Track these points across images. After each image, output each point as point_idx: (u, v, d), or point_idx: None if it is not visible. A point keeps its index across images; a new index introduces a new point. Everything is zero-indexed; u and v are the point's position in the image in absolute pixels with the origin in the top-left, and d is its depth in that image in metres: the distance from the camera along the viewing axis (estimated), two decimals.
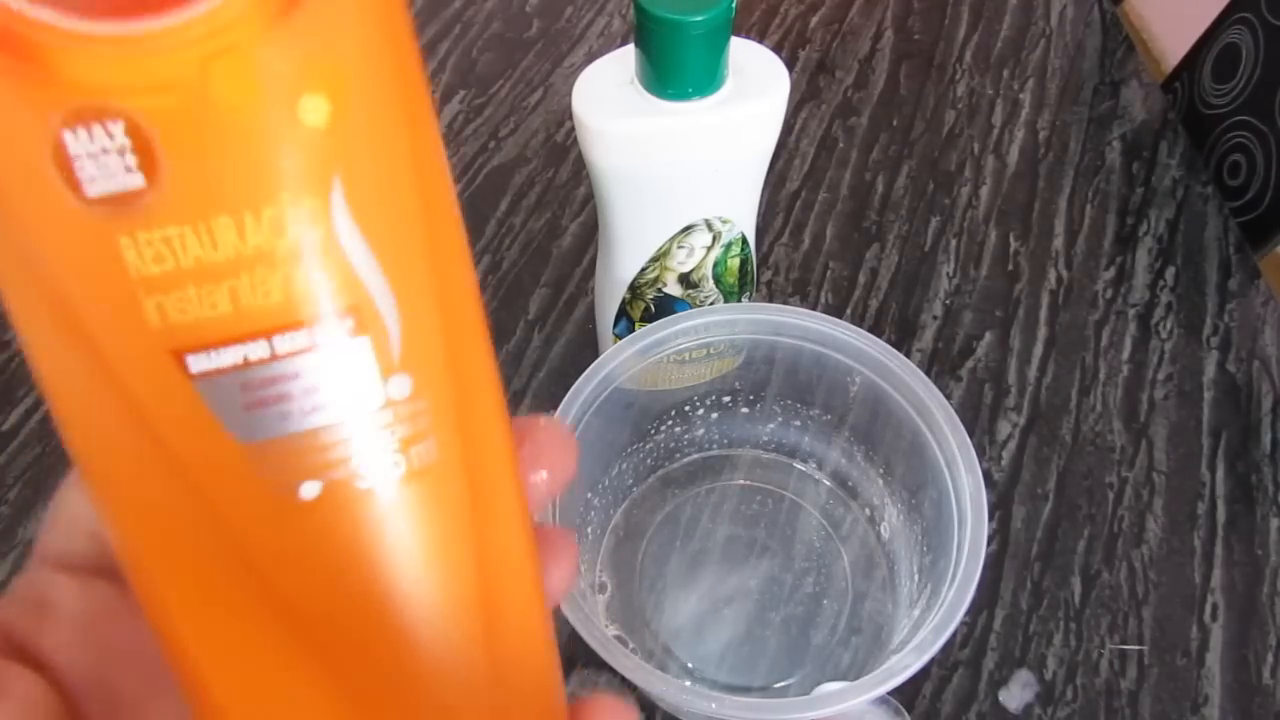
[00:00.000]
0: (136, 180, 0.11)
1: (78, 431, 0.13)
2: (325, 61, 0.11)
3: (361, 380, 0.12)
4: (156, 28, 0.10)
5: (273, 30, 0.11)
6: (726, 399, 0.41)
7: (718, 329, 0.36)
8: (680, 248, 0.36)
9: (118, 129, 0.11)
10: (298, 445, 0.12)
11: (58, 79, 0.10)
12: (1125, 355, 0.48)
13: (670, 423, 0.41)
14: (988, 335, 0.48)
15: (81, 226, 0.11)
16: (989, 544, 0.39)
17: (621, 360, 0.35)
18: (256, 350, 0.12)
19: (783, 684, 0.38)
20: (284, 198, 0.11)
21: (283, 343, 0.12)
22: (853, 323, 0.38)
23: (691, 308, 0.38)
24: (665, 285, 0.38)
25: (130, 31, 0.10)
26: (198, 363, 0.12)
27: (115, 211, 0.11)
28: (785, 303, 0.49)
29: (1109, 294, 0.50)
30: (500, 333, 0.48)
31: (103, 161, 0.11)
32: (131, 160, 0.11)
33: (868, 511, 0.41)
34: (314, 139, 0.11)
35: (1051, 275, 0.51)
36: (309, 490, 0.12)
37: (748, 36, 0.45)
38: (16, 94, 0.10)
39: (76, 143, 0.11)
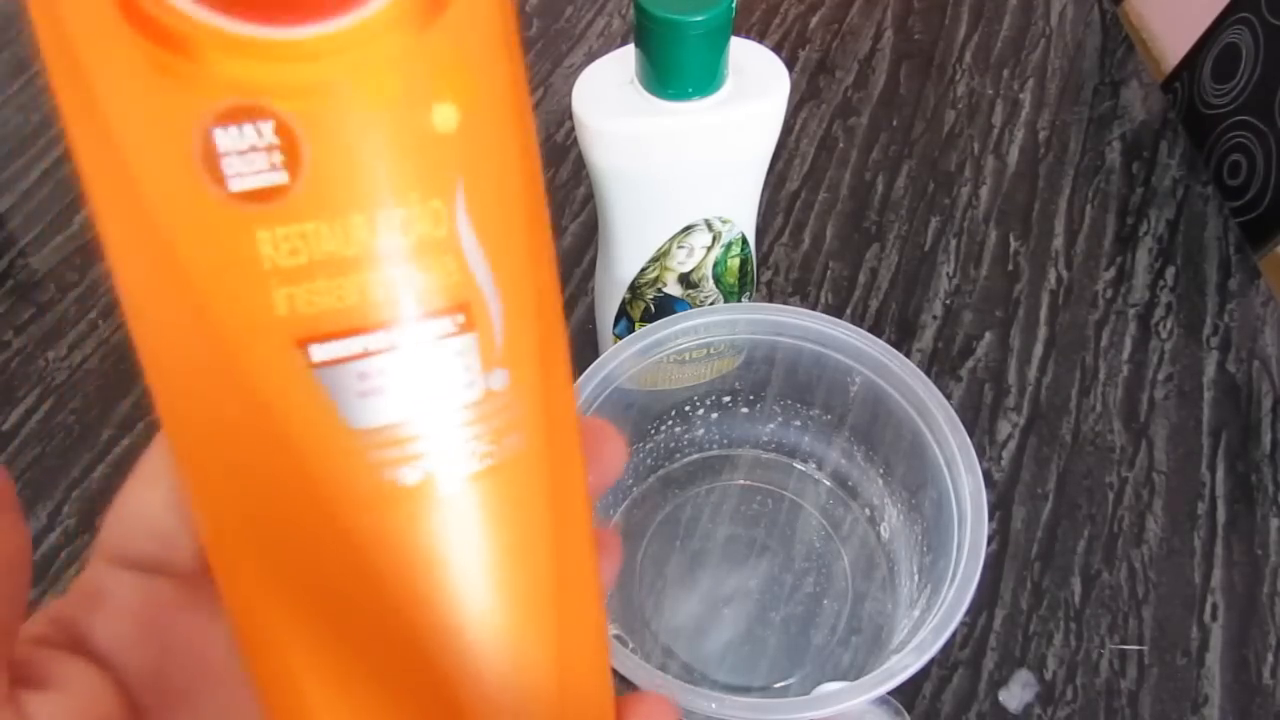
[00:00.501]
0: (280, 177, 0.11)
1: (187, 410, 0.13)
2: (456, 73, 0.12)
3: (467, 372, 0.13)
4: (310, 34, 0.11)
5: (413, 43, 0.12)
6: (726, 399, 0.41)
7: (718, 329, 0.36)
8: (680, 248, 0.36)
9: (267, 128, 0.11)
10: (404, 432, 0.13)
11: (214, 77, 0.11)
12: (1125, 355, 0.48)
13: (670, 423, 0.41)
14: (988, 335, 0.48)
15: (221, 218, 0.11)
16: (989, 544, 0.39)
17: (621, 360, 0.35)
18: (376, 341, 0.12)
19: (783, 684, 0.38)
20: (413, 198, 0.12)
21: (401, 335, 0.12)
22: (853, 323, 0.38)
23: (691, 308, 0.38)
24: (665, 285, 0.38)
25: (286, 36, 0.11)
26: (320, 351, 0.12)
27: (255, 206, 0.11)
28: (785, 303, 0.49)
29: (1109, 294, 0.50)
30: None
31: (249, 158, 0.11)
32: (277, 158, 0.11)
33: (868, 511, 0.41)
34: (444, 144, 0.12)
35: (1051, 275, 0.51)
36: (410, 475, 0.13)
37: (748, 36, 0.45)
38: (173, 88, 0.11)
39: (226, 139, 0.11)
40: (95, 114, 0.11)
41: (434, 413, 0.13)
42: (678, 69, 0.31)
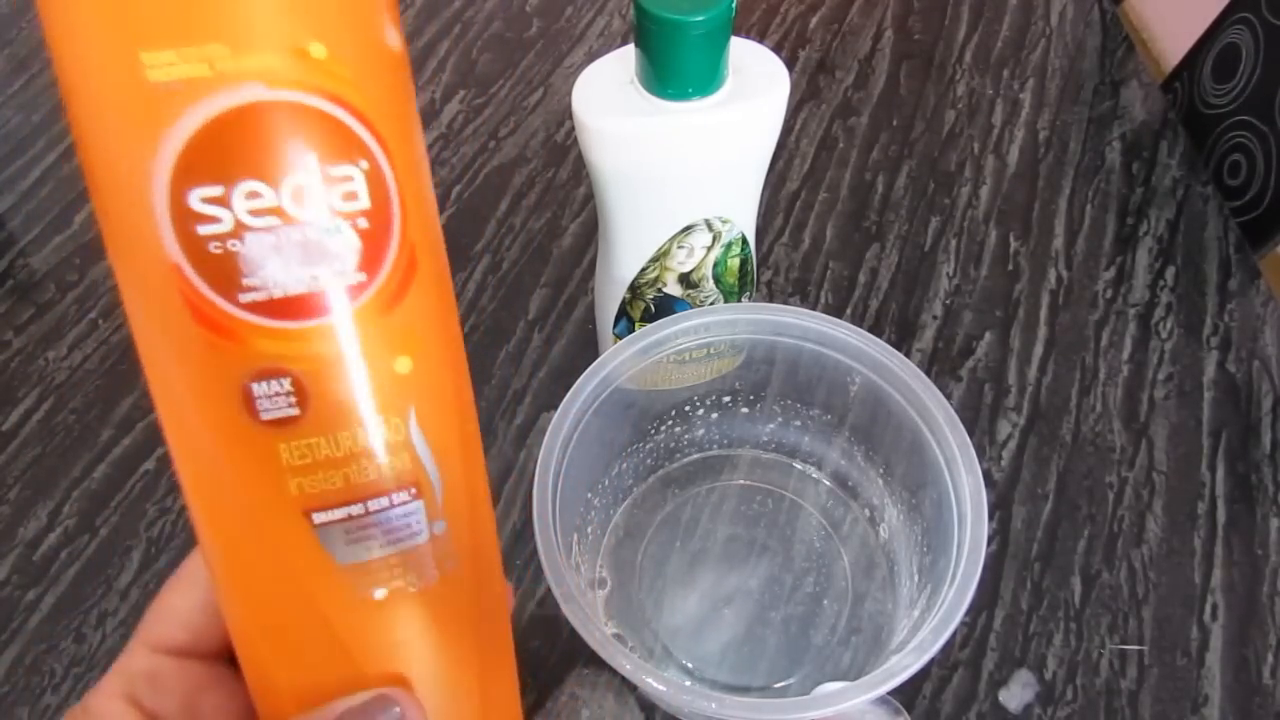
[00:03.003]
0: (294, 411, 0.18)
1: (231, 558, 0.19)
2: (410, 337, 0.18)
3: (417, 525, 0.19)
4: (313, 325, 0.17)
5: (380, 322, 0.18)
6: (726, 399, 0.41)
7: (718, 329, 0.36)
8: (680, 248, 0.36)
9: (286, 381, 0.17)
10: (376, 566, 0.19)
11: (249, 351, 0.17)
12: (1125, 355, 0.48)
13: (670, 423, 0.41)
14: (988, 335, 0.48)
15: (254, 437, 0.18)
16: (989, 544, 0.39)
17: (621, 360, 0.35)
18: (356, 509, 0.19)
19: (783, 684, 0.38)
20: (383, 419, 0.18)
21: (373, 504, 0.19)
22: (853, 323, 0.38)
23: (691, 308, 0.38)
24: (665, 285, 0.38)
25: (297, 327, 0.17)
26: (319, 517, 0.18)
27: (277, 429, 0.18)
28: (785, 303, 0.49)
29: (1109, 294, 0.50)
30: (500, 333, 0.48)
31: (274, 400, 0.17)
32: (292, 400, 0.17)
33: (868, 511, 0.41)
34: (401, 382, 0.18)
35: (1051, 275, 0.51)
36: (380, 594, 0.19)
37: (748, 36, 0.45)
38: (221, 358, 0.17)
39: (258, 388, 0.17)
40: (172, 381, 0.18)
41: (395, 553, 0.19)
42: (678, 69, 0.31)
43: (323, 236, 0.17)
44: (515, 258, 0.51)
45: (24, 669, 0.39)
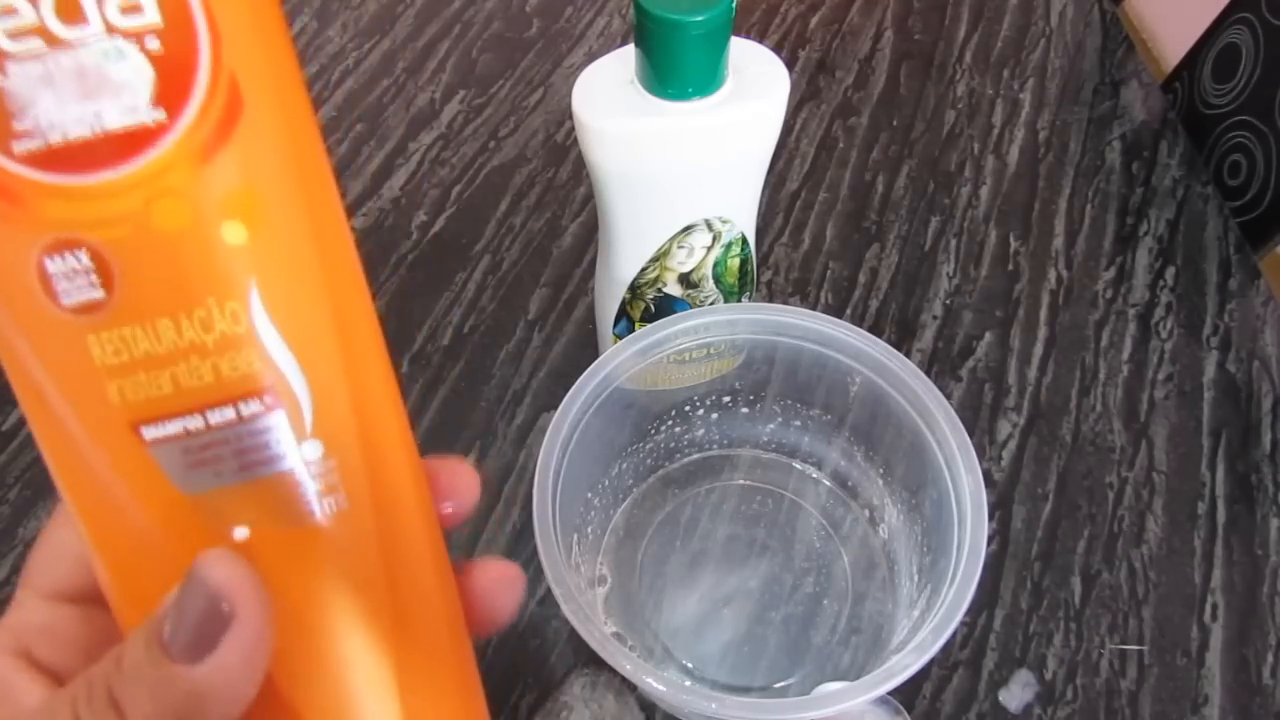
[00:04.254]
0: (99, 293, 0.14)
1: (66, 485, 0.16)
2: (241, 193, 0.15)
3: (279, 445, 0.16)
4: (107, 178, 0.14)
5: (195, 175, 0.14)
6: (726, 399, 0.41)
7: (718, 329, 0.36)
8: (680, 248, 0.36)
9: (83, 254, 0.14)
10: (230, 497, 0.16)
11: (37, 218, 0.14)
12: (1125, 355, 0.48)
13: (670, 423, 0.41)
14: (988, 335, 0.48)
15: (58, 328, 0.15)
16: (989, 544, 0.39)
17: (621, 360, 0.35)
18: (194, 422, 0.15)
19: (783, 684, 0.38)
20: (211, 302, 0.15)
21: (214, 416, 0.15)
22: (853, 323, 0.38)
23: (691, 308, 0.38)
24: (665, 285, 0.38)
25: (88, 181, 0.14)
26: (149, 432, 0.15)
27: (83, 316, 0.14)
28: (785, 303, 0.49)
29: (1109, 294, 0.50)
30: (500, 333, 0.48)
31: (73, 279, 0.14)
32: (95, 279, 0.14)
33: (868, 511, 0.41)
34: (234, 254, 0.15)
35: (1051, 275, 0.51)
36: (240, 534, 0.16)
37: (748, 36, 0.45)
38: (4, 227, 0.14)
39: (53, 265, 0.14)
40: None
41: (254, 480, 0.16)
42: (678, 69, 0.31)
43: (101, 61, 0.14)
44: (515, 258, 0.51)
45: None
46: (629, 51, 0.32)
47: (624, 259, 0.37)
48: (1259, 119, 0.53)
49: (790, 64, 0.59)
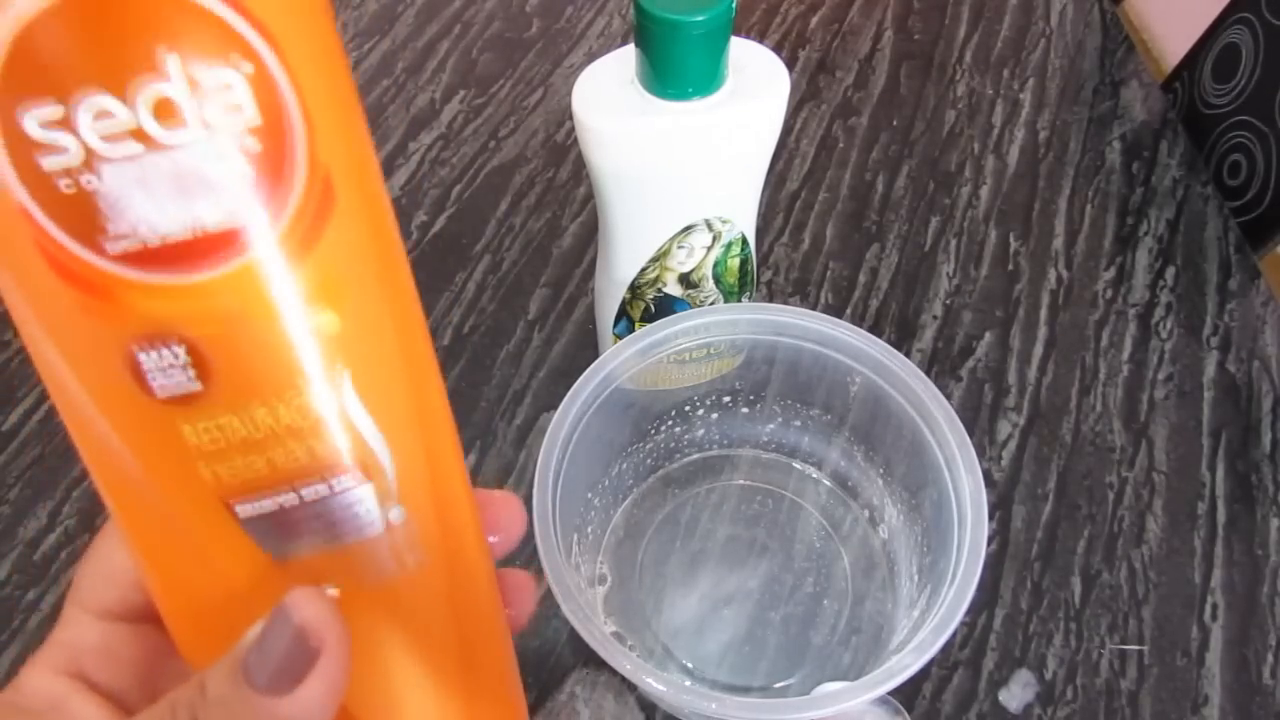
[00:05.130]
0: (194, 385, 0.14)
1: (151, 553, 0.17)
2: (333, 283, 0.15)
3: (367, 514, 0.16)
4: (204, 277, 0.14)
5: (291, 271, 0.14)
6: (726, 399, 0.41)
7: (718, 329, 0.36)
8: (680, 248, 0.36)
9: (179, 348, 0.14)
10: (320, 561, 0.16)
11: (130, 313, 0.14)
12: (1125, 355, 0.48)
13: (670, 423, 0.41)
14: (988, 335, 0.48)
15: (150, 416, 0.15)
16: (989, 544, 0.39)
17: (621, 360, 0.35)
18: (289, 498, 0.16)
19: (783, 684, 0.38)
20: (307, 389, 0.15)
21: (308, 491, 0.16)
22: (853, 323, 0.38)
23: (691, 308, 0.38)
24: (665, 285, 0.38)
25: (185, 280, 0.14)
26: (243, 509, 0.16)
27: (178, 406, 0.15)
28: (785, 303, 0.49)
29: (1109, 294, 0.50)
30: (500, 333, 0.48)
31: (168, 372, 0.14)
32: (190, 371, 0.14)
33: (868, 512, 0.41)
34: (327, 344, 0.15)
35: (1051, 275, 0.51)
36: (330, 593, 0.16)
37: (748, 36, 0.45)
38: (98, 322, 0.14)
39: (146, 359, 0.14)
40: (47, 349, 0.15)
41: (344, 546, 0.16)
42: (678, 69, 0.31)
43: (200, 163, 0.13)
44: (515, 258, 0.51)
45: None
46: (629, 51, 0.32)
47: (624, 259, 0.37)
48: (1259, 119, 0.53)
49: (790, 64, 0.59)
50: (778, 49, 0.57)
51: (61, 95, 0.13)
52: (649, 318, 0.39)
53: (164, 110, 0.13)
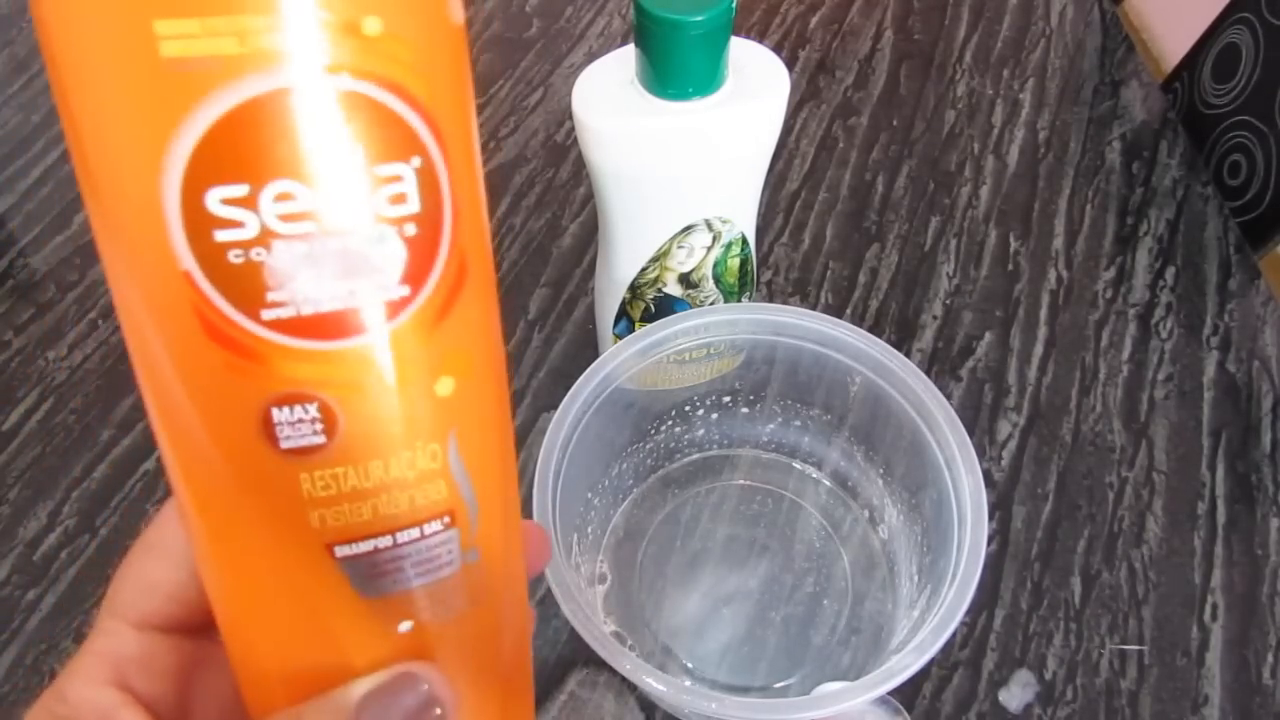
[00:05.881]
0: (319, 439, 0.16)
1: (242, 587, 0.17)
2: (454, 358, 0.16)
3: (449, 556, 0.17)
4: (348, 345, 0.15)
5: (424, 341, 0.16)
6: (726, 399, 0.41)
7: (718, 329, 0.36)
8: (680, 248, 0.36)
9: (312, 406, 0.15)
10: (403, 599, 0.17)
11: (271, 374, 0.15)
12: (1125, 355, 0.48)
13: (670, 423, 0.41)
14: (988, 335, 0.48)
15: (275, 466, 0.16)
16: (989, 544, 0.39)
17: (621, 360, 0.35)
18: (384, 542, 0.17)
19: (783, 684, 0.38)
20: (418, 444, 0.16)
21: (402, 536, 0.17)
22: (853, 323, 0.38)
23: (691, 308, 0.38)
24: (665, 285, 0.38)
25: (330, 348, 0.15)
26: (343, 551, 0.16)
27: (300, 458, 0.16)
28: (785, 303, 0.49)
29: (1109, 294, 0.50)
30: None
31: (297, 427, 0.15)
32: (319, 426, 0.15)
33: (868, 512, 0.41)
34: (442, 406, 0.16)
35: (1051, 275, 0.51)
36: (405, 627, 0.18)
37: (748, 36, 0.45)
38: (239, 380, 0.15)
39: (280, 414, 0.15)
40: (178, 398, 0.16)
41: (426, 585, 0.17)
42: (678, 69, 0.31)
43: (365, 246, 0.15)
44: (515, 258, 0.51)
45: (24, 669, 0.39)
46: (629, 51, 0.32)
47: (624, 259, 0.37)
48: (1259, 119, 0.53)
49: (790, 64, 0.59)
50: (778, 49, 0.57)
51: (249, 179, 0.14)
52: (649, 318, 0.39)
53: (340, 198, 0.14)
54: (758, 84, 0.33)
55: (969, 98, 0.59)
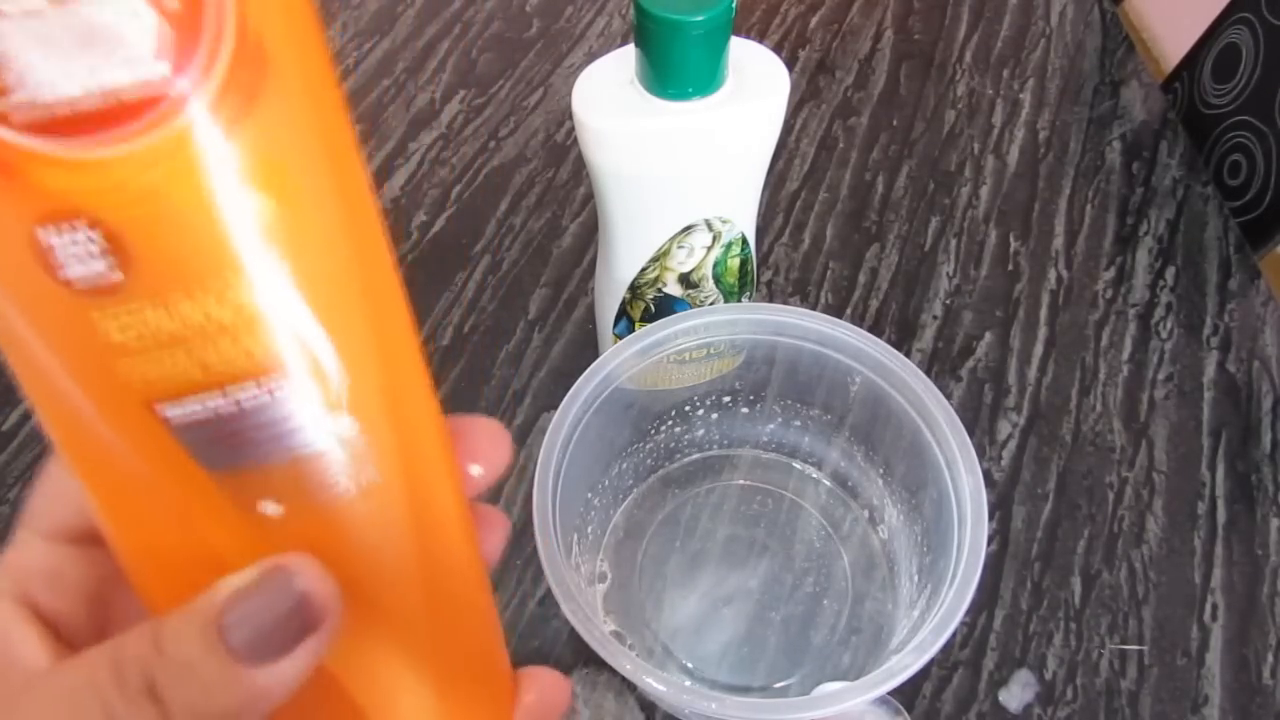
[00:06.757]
0: (114, 274, 0.13)
1: (77, 458, 0.16)
2: (267, 165, 0.14)
3: (309, 422, 0.15)
4: (122, 151, 0.13)
5: (218, 148, 0.13)
6: (726, 399, 0.41)
7: (718, 329, 0.36)
8: (680, 248, 0.36)
9: (95, 232, 0.13)
10: (259, 474, 0.15)
11: (39, 191, 0.13)
12: (1125, 355, 0.48)
13: (670, 423, 0.41)
14: (988, 335, 0.48)
15: (63, 307, 0.13)
16: (989, 544, 0.39)
17: (621, 360, 0.35)
18: (221, 403, 0.14)
19: (783, 684, 0.38)
20: (237, 280, 0.14)
21: (241, 393, 0.14)
22: (853, 323, 0.38)
23: (691, 308, 0.38)
24: (665, 285, 0.38)
25: (100, 154, 0.13)
26: (169, 410, 0.14)
27: (94, 296, 0.13)
28: (785, 303, 0.49)
29: (1109, 294, 0.50)
30: (500, 333, 0.48)
31: (84, 259, 0.13)
32: (110, 258, 0.13)
33: (868, 512, 0.41)
34: (260, 228, 0.14)
35: (1051, 275, 0.51)
36: (270, 509, 0.15)
37: (748, 36, 0.45)
38: (10, 201, 0.13)
39: (59, 241, 0.13)
40: None
41: (285, 457, 0.15)
42: (678, 69, 0.31)
43: (109, 18, 0.12)
44: (515, 258, 0.51)
45: None
46: (629, 51, 0.32)
47: (624, 259, 0.37)
48: (1259, 119, 0.53)
49: (790, 64, 0.59)
50: (778, 49, 0.57)
51: None
52: (649, 318, 0.39)
53: None
54: (758, 84, 0.33)
55: (969, 98, 0.59)
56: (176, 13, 0.13)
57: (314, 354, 0.15)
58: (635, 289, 0.38)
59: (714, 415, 0.42)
